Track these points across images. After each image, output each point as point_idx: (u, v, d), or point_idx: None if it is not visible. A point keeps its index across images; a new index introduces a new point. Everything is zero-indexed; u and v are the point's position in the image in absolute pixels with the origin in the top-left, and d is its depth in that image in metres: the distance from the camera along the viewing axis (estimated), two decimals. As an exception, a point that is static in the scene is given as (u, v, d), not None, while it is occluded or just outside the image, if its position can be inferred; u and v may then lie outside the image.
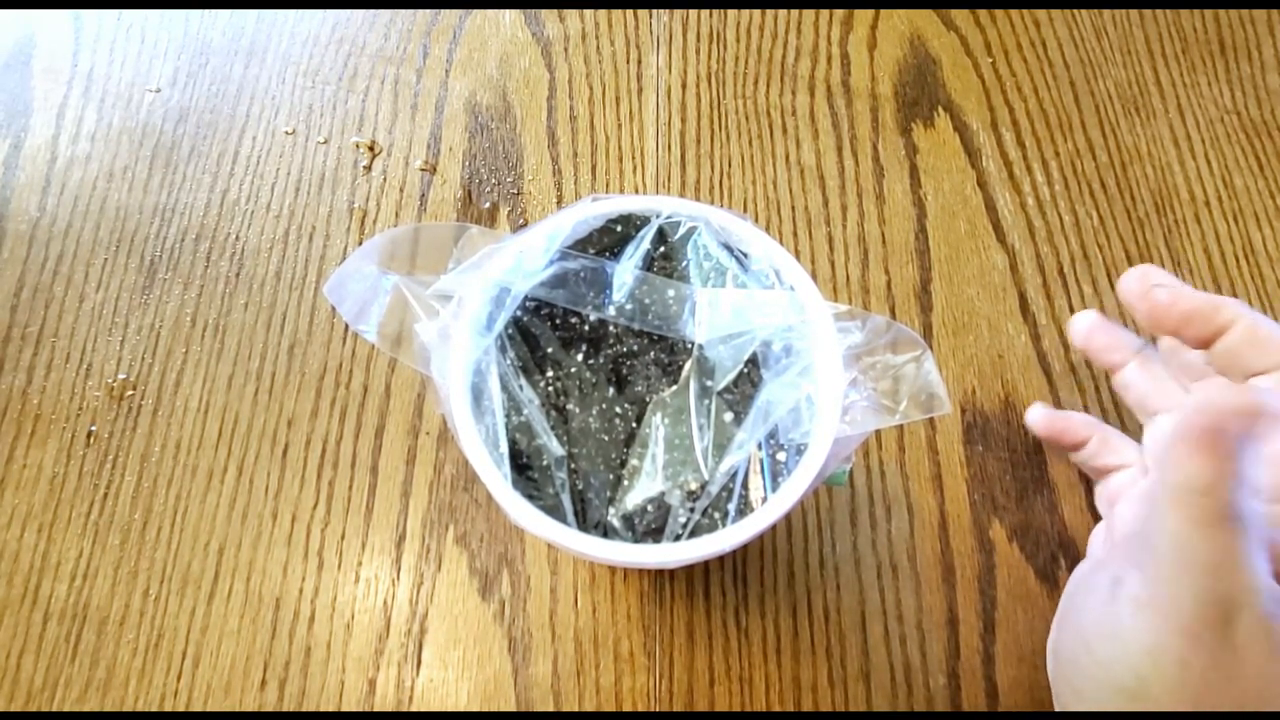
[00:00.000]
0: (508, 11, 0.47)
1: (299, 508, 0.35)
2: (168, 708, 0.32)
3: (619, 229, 0.29)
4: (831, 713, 0.32)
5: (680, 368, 0.28)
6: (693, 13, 0.47)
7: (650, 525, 0.26)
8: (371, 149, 0.43)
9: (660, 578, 0.34)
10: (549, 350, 0.28)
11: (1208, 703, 0.22)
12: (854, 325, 0.26)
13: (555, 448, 0.26)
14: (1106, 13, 0.48)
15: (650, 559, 0.24)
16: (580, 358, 0.28)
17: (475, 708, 0.32)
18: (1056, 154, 0.43)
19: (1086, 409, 0.37)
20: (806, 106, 0.44)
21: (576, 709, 0.32)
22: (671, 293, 0.28)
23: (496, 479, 0.25)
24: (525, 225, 0.37)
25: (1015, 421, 0.37)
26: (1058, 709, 0.28)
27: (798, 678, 0.33)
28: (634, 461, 0.27)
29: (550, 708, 0.32)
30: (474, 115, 0.44)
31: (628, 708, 0.32)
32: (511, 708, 0.32)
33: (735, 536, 0.24)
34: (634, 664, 0.33)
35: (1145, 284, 0.29)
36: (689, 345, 0.28)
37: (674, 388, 0.27)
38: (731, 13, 0.47)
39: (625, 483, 0.26)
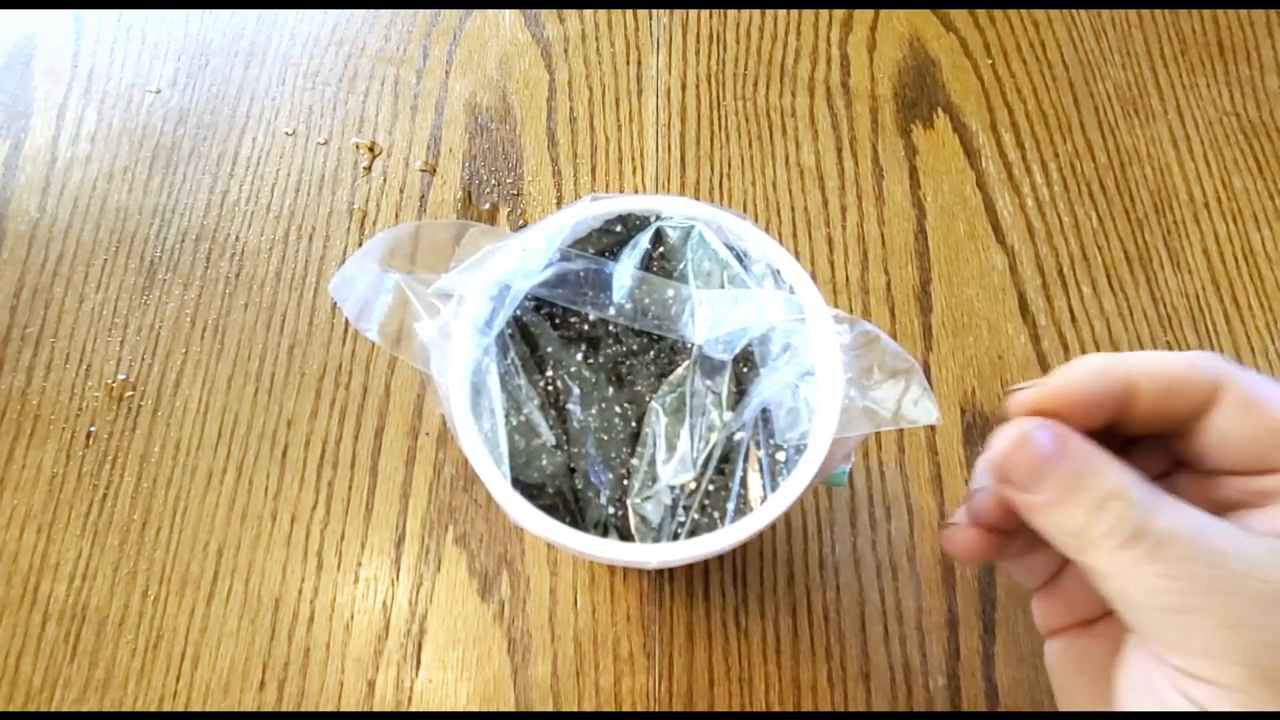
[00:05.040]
0: (508, 12, 0.47)
1: (298, 508, 0.35)
2: (167, 708, 0.32)
3: (618, 229, 0.29)
4: (831, 713, 0.32)
5: (679, 367, 0.28)
6: (692, 14, 0.47)
7: (650, 524, 0.26)
8: (371, 150, 0.43)
9: (660, 578, 0.34)
10: (549, 349, 0.28)
11: None
12: (845, 330, 0.26)
13: (555, 447, 0.26)
14: (1106, 14, 0.48)
15: (650, 558, 0.24)
16: (580, 357, 0.28)
17: (475, 708, 0.32)
18: (1056, 155, 0.43)
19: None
20: (806, 108, 0.44)
21: (576, 709, 0.32)
22: (670, 293, 0.28)
23: (496, 478, 0.25)
24: (525, 226, 0.37)
25: (1015, 422, 0.37)
26: None
27: (797, 678, 0.33)
28: (633, 461, 0.27)
29: (550, 708, 0.32)
30: (474, 116, 0.44)
31: (627, 708, 0.32)
32: (511, 708, 0.32)
33: (734, 536, 0.24)
34: (634, 664, 0.33)
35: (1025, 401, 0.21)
36: (688, 345, 0.28)
37: (673, 387, 0.27)
38: (731, 14, 0.47)
39: (625, 482, 0.26)
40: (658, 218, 0.29)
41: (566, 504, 0.26)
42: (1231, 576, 0.18)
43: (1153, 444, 0.23)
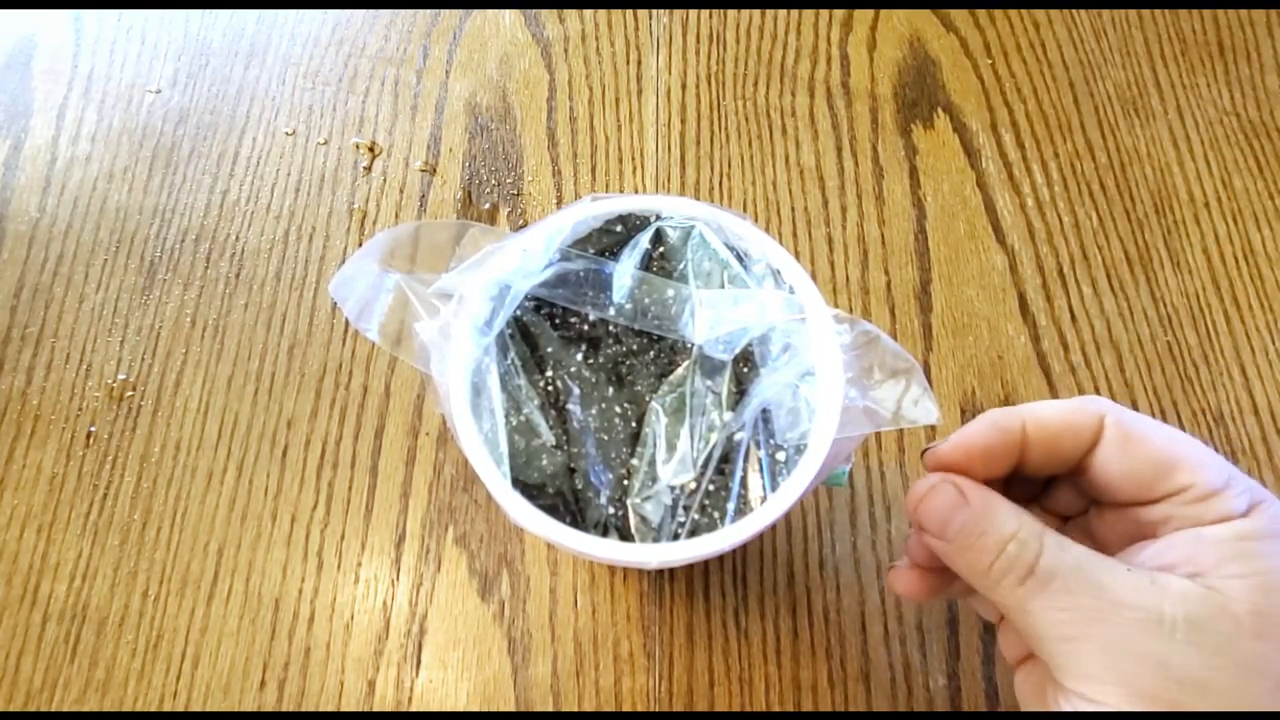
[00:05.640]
0: (508, 12, 0.47)
1: (298, 508, 0.35)
2: (167, 708, 0.32)
3: (618, 229, 0.29)
4: (831, 713, 0.32)
5: (679, 367, 0.28)
6: (692, 14, 0.47)
7: (650, 524, 0.26)
8: (371, 150, 0.43)
9: (660, 578, 0.34)
10: (549, 349, 0.28)
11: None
12: (845, 330, 0.26)
13: (555, 447, 0.26)
14: (1106, 14, 0.48)
15: (650, 559, 0.24)
16: (580, 357, 0.28)
17: (475, 708, 0.32)
18: (1056, 155, 0.43)
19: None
20: (806, 107, 0.44)
21: (576, 709, 0.32)
22: (670, 293, 0.28)
23: (496, 478, 0.25)
24: (525, 226, 0.37)
25: (1015, 422, 0.37)
26: None
27: (797, 678, 0.33)
28: (633, 461, 0.27)
29: (550, 708, 0.32)
30: (474, 116, 0.44)
31: (627, 708, 0.32)
32: (511, 708, 0.32)
33: (734, 536, 0.24)
34: (634, 665, 0.33)
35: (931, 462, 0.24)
36: (688, 345, 0.28)
37: (673, 387, 0.27)
38: (731, 14, 0.47)
39: (625, 482, 0.26)
40: (658, 218, 0.29)
41: (566, 504, 0.26)
42: (1112, 607, 0.20)
43: (1069, 483, 0.25)
